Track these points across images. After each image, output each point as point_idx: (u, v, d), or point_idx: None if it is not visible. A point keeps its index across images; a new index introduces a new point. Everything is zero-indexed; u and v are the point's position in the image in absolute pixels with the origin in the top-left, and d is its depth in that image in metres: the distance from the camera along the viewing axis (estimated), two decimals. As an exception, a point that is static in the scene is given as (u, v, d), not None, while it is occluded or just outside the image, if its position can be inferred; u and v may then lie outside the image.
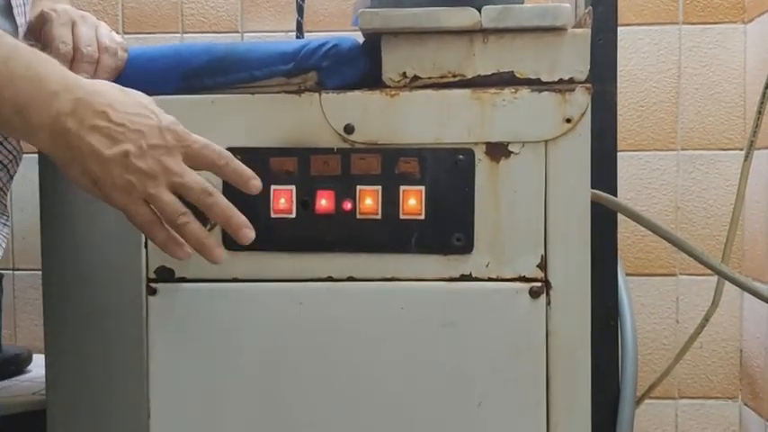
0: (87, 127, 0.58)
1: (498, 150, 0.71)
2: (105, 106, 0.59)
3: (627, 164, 1.34)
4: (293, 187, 0.72)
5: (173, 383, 0.73)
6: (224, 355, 0.73)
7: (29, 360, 1.19)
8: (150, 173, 0.59)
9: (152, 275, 0.73)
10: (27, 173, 1.35)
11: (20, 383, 1.12)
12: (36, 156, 0.77)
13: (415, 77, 0.73)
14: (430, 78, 0.73)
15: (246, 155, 0.72)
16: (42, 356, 0.81)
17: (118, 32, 1.38)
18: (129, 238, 0.73)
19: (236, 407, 0.73)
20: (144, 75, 0.75)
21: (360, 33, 0.76)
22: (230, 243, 0.73)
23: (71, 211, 0.77)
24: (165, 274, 0.73)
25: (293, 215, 0.73)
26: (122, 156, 0.59)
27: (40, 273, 0.80)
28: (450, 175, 0.71)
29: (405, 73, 0.73)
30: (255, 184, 0.65)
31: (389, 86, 0.73)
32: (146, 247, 0.74)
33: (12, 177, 0.76)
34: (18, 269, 1.42)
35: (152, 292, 0.73)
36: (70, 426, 0.78)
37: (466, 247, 0.71)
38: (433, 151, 0.71)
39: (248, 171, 0.65)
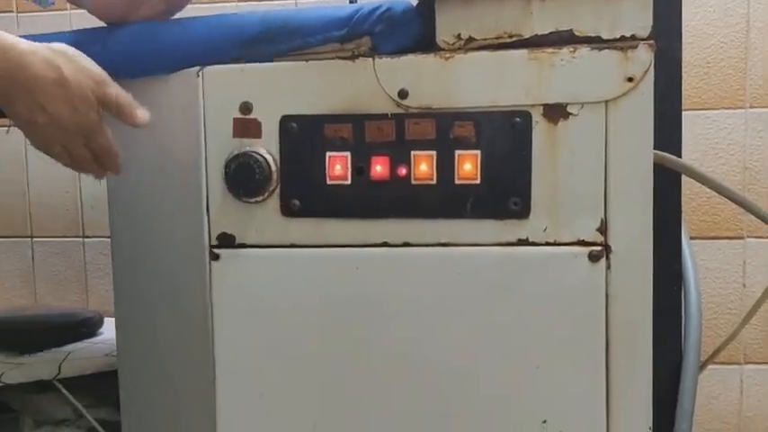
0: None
1: (556, 112, 0.69)
2: None
3: (692, 123, 1.30)
4: (348, 153, 0.73)
5: (236, 345, 0.75)
6: (283, 317, 0.75)
7: (100, 323, 1.25)
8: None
9: (214, 242, 0.75)
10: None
11: (92, 346, 1.18)
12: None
13: (470, 39, 0.71)
14: (485, 39, 0.71)
15: (301, 122, 0.73)
16: (113, 320, 0.85)
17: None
18: (193, 204, 0.75)
19: (295, 368, 0.75)
20: (199, 45, 0.76)
21: (413, -4, 0.75)
22: (287, 210, 0.74)
23: (137, 181, 0.79)
24: (227, 240, 0.75)
25: (348, 181, 0.73)
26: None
27: (109, 240, 0.83)
28: (506, 139, 0.70)
29: (459, 35, 0.72)
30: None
31: (444, 49, 0.72)
32: (207, 214, 0.75)
33: None
34: (88, 236, 1.48)
35: (215, 257, 0.75)
36: (141, 385, 0.82)
37: (523, 211, 0.71)
38: (488, 114, 0.70)
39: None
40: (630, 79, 0.68)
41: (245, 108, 0.74)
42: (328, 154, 0.73)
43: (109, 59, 0.75)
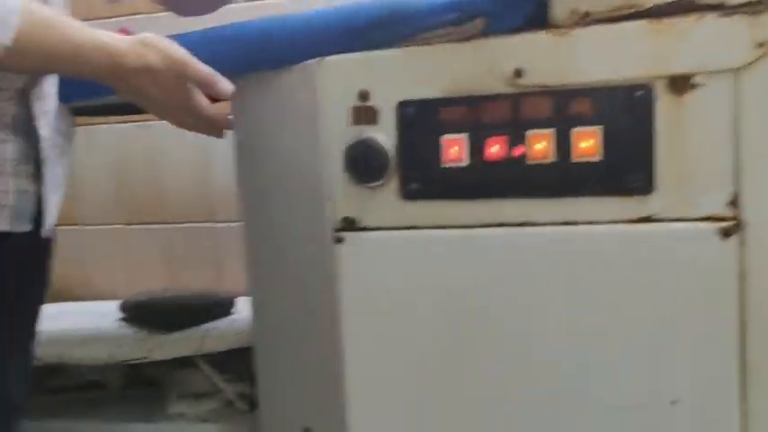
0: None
1: (681, 83, 0.67)
2: None
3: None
4: (464, 135, 0.74)
5: (362, 323, 0.79)
6: (405, 296, 0.77)
7: (233, 303, 1.33)
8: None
9: (337, 225, 0.79)
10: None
11: (227, 324, 1.26)
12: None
13: (587, 14, 0.70)
14: (602, 13, 0.69)
15: (418, 106, 0.74)
16: (244, 299, 0.91)
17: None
18: (316, 190, 0.79)
19: (418, 345, 0.77)
20: (317, 37, 0.79)
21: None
22: (406, 192, 0.76)
23: (263, 169, 0.84)
24: (349, 224, 0.78)
25: (465, 163, 0.74)
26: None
27: (239, 224, 0.89)
28: (627, 113, 0.68)
29: (575, 10, 0.70)
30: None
31: (559, 26, 0.71)
32: (330, 199, 0.79)
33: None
34: (218, 221, 1.57)
35: (338, 240, 0.79)
36: (274, 360, 0.87)
37: (646, 187, 0.69)
38: (607, 89, 0.69)
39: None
40: (761, 45, 0.64)
41: (363, 96, 0.76)
42: (444, 137, 0.74)
43: (233, 57, 0.80)
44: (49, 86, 0.78)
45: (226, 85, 0.75)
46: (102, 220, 1.66)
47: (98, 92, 0.86)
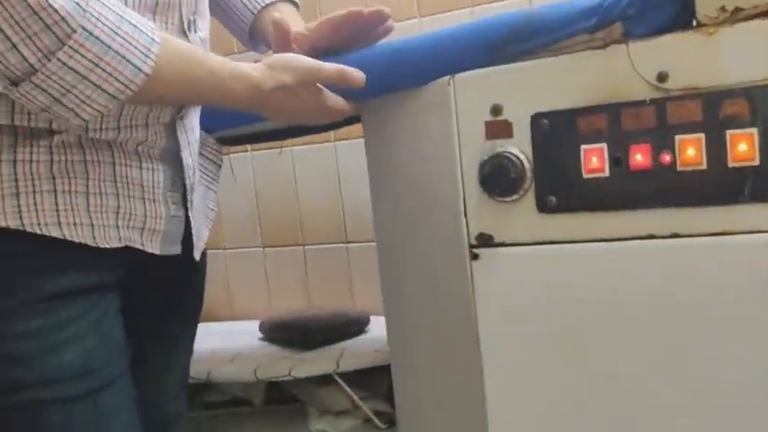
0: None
1: None
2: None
3: None
4: (604, 145, 0.71)
5: (501, 341, 0.77)
6: (545, 314, 0.75)
7: (367, 321, 1.35)
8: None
9: (473, 242, 0.78)
10: (354, 152, 1.52)
11: (363, 343, 1.28)
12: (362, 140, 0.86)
13: (737, 9, 0.66)
14: (756, 8, 0.65)
15: (553, 118, 0.73)
16: (378, 318, 0.92)
17: (414, 16, 1.48)
18: (451, 207, 0.79)
19: (559, 363, 0.75)
20: (449, 54, 0.79)
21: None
22: (543, 206, 0.74)
23: (397, 188, 0.85)
24: (485, 240, 0.77)
25: (606, 173, 0.71)
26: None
27: (369, 244, 0.90)
28: (787, 113, 0.63)
29: (723, 6, 0.66)
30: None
31: (706, 24, 0.67)
32: (465, 216, 0.78)
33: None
34: (350, 242, 1.61)
35: (474, 257, 0.78)
36: (412, 378, 0.87)
37: (814, 192, 0.63)
38: (763, 89, 0.64)
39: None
40: None
41: (496, 110, 0.76)
42: (583, 147, 0.72)
43: (368, 80, 0.82)
44: (194, 119, 0.83)
45: (357, 75, 0.77)
46: (241, 243, 1.75)
47: (236, 122, 0.91)
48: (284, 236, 1.69)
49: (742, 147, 0.65)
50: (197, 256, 0.84)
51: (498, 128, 0.76)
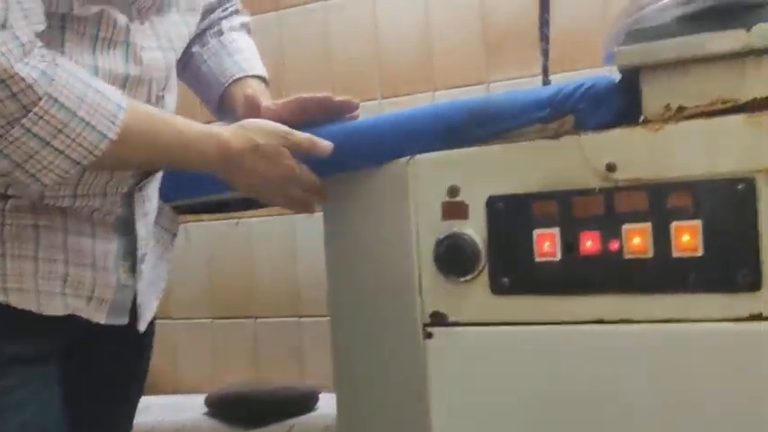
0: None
1: (785, 176, 0.65)
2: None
3: None
4: (557, 230, 0.73)
5: (453, 419, 0.77)
6: (496, 393, 0.75)
7: (317, 398, 1.33)
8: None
9: (427, 320, 0.78)
10: (311, 226, 1.52)
11: (312, 419, 1.25)
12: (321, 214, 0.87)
13: (681, 108, 0.70)
14: (697, 107, 0.69)
15: (508, 201, 0.75)
16: (327, 394, 0.90)
17: (376, 97, 1.52)
18: (406, 285, 0.79)
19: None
20: (408, 136, 0.81)
21: (610, 70, 0.76)
22: (496, 287, 0.75)
23: (353, 264, 0.85)
24: (439, 319, 0.78)
25: (558, 258, 0.73)
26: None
27: (321, 319, 0.90)
28: (728, 207, 0.66)
29: (668, 105, 0.70)
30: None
31: (652, 120, 0.71)
32: (420, 294, 0.79)
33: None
34: (303, 316, 1.59)
35: (428, 335, 0.78)
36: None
37: (754, 283, 0.66)
38: (706, 183, 0.67)
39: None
40: None
41: (453, 191, 0.78)
42: (536, 231, 0.74)
43: (329, 156, 0.83)
44: (153, 189, 0.83)
45: (326, 144, 0.79)
46: (191, 313, 1.71)
47: (196, 191, 0.91)
48: (236, 308, 1.67)
49: (686, 238, 0.67)
50: (142, 327, 0.82)
51: (455, 209, 0.78)
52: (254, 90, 0.90)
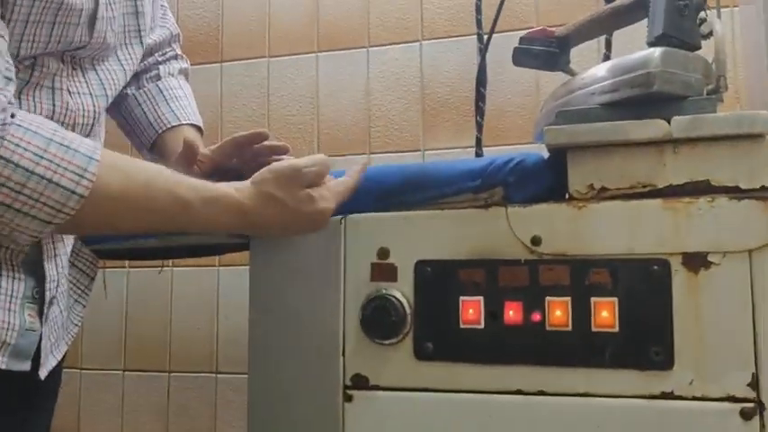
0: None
1: (697, 261, 0.68)
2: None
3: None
4: (481, 298, 0.74)
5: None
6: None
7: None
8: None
9: (348, 382, 0.77)
10: (236, 280, 1.49)
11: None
12: (247, 268, 0.86)
13: (603, 189, 0.73)
14: (618, 189, 0.73)
15: (436, 266, 0.76)
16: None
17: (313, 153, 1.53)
18: (329, 345, 0.78)
19: None
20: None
21: (539, 147, 0.79)
22: (420, 353, 0.75)
23: (277, 320, 0.83)
24: (360, 382, 0.77)
25: (481, 326, 0.74)
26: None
27: (238, 376, 0.87)
28: (644, 287, 0.69)
29: (592, 185, 0.74)
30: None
31: (576, 198, 0.74)
32: (343, 355, 0.78)
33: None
34: (221, 372, 1.54)
35: (348, 398, 0.77)
36: None
37: (666, 362, 0.68)
38: (625, 262, 0.70)
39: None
40: (776, 228, 0.67)
41: (383, 253, 0.78)
42: (461, 298, 0.75)
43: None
44: None
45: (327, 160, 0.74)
46: (101, 364, 1.63)
47: (118, 236, 0.88)
48: (150, 360, 1.60)
49: (604, 314, 0.70)
50: (43, 374, 0.77)
51: (383, 271, 0.78)
52: (192, 137, 0.89)
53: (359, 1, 1.52)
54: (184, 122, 0.93)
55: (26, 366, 0.74)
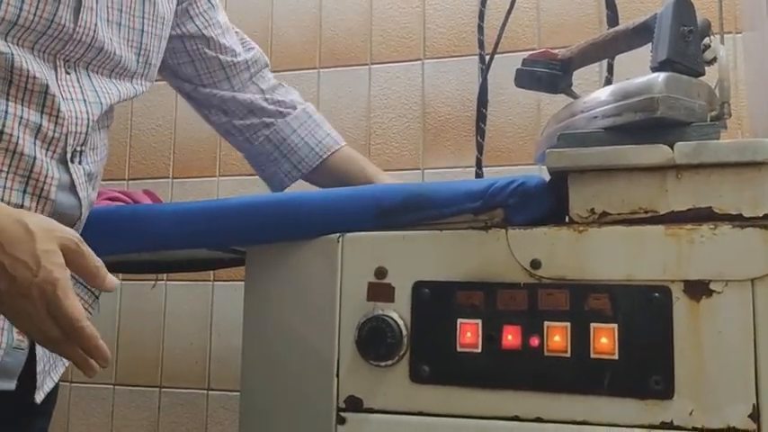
0: None
1: (698, 289, 0.67)
2: None
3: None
4: (479, 321, 0.73)
5: None
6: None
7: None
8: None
9: (341, 404, 0.76)
10: (230, 296, 1.48)
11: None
12: (242, 284, 0.84)
13: (604, 213, 0.72)
14: (620, 214, 0.72)
15: (434, 288, 0.75)
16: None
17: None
18: (323, 365, 0.77)
19: None
20: (340, 214, 0.81)
21: (539, 169, 0.78)
22: (416, 375, 0.74)
23: (271, 338, 0.82)
24: (354, 404, 0.75)
25: (479, 350, 0.73)
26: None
27: (230, 394, 0.85)
28: (645, 314, 0.68)
29: (593, 209, 0.73)
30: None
31: (577, 222, 0.73)
32: (337, 376, 0.76)
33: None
34: (212, 389, 1.52)
35: (341, 420, 0.75)
36: None
37: (665, 391, 0.67)
38: (625, 288, 0.69)
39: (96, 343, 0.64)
40: (778, 257, 0.66)
41: (380, 273, 0.77)
42: (459, 321, 0.73)
43: (254, 227, 0.82)
44: None
45: (112, 279, 0.67)
46: (91, 378, 1.61)
47: (115, 249, 0.87)
48: (140, 375, 1.57)
49: (603, 340, 0.68)
50: (39, 397, 0.75)
51: (380, 291, 0.77)
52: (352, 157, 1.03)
53: (361, 18, 1.52)
54: (343, 144, 1.05)
55: (11, 386, 0.72)
